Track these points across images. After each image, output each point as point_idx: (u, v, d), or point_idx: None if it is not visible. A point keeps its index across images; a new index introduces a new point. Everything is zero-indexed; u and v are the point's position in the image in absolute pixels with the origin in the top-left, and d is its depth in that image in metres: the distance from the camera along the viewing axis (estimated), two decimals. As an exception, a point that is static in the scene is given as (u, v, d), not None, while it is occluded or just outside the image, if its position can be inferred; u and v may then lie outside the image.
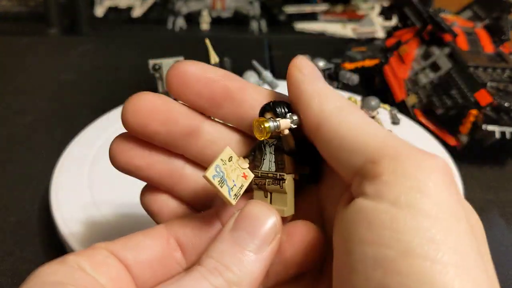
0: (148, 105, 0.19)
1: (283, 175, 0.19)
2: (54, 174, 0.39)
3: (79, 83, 0.69)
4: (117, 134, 0.21)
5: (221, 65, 0.50)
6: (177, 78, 0.19)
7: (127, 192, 0.38)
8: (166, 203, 0.22)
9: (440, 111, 0.50)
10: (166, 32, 0.96)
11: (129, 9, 1.02)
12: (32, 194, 0.42)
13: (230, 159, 0.19)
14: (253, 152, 0.20)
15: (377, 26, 0.90)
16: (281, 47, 0.86)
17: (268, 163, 0.20)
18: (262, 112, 0.19)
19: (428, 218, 0.14)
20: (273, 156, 0.20)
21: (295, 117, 0.19)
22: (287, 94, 0.20)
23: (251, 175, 0.20)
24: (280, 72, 0.71)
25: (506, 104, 0.44)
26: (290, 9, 1.02)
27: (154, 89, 0.46)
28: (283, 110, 0.19)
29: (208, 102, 0.20)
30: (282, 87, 0.50)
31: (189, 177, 0.21)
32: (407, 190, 0.14)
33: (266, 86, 0.50)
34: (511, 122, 0.45)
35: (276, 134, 0.19)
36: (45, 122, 0.56)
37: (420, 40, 0.59)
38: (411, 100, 0.54)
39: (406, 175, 0.15)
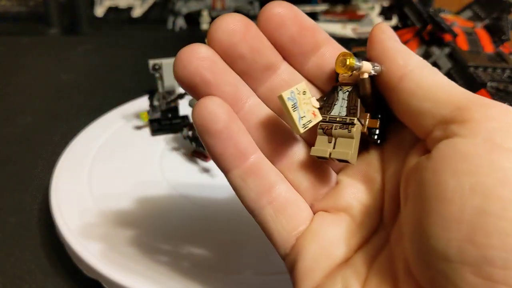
0: (242, 27, 0.19)
1: (353, 119, 0.19)
2: (54, 174, 0.39)
3: (79, 83, 0.69)
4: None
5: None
6: (275, 17, 0.19)
7: (127, 192, 0.38)
8: (228, 124, 0.19)
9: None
10: (166, 32, 0.96)
11: (129, 9, 1.02)
12: (32, 194, 0.42)
13: (304, 93, 0.19)
14: (324, 97, 0.20)
15: (377, 26, 0.90)
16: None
17: (339, 108, 0.20)
18: None
19: None
20: (346, 101, 0.20)
21: (376, 65, 0.19)
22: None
23: (319, 116, 0.20)
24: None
25: (506, 104, 0.44)
26: (290, 9, 1.01)
27: (154, 89, 0.46)
28: (367, 57, 0.19)
29: (298, 48, 0.20)
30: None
31: (254, 107, 0.20)
32: (500, 131, 0.15)
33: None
34: (511, 122, 0.45)
35: (352, 81, 0.19)
36: (45, 122, 0.56)
37: (420, 40, 0.59)
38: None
39: (496, 118, 0.15)
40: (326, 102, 0.20)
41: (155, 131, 0.47)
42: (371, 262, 0.19)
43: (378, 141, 0.20)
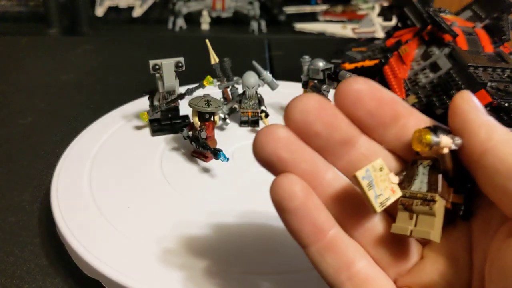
0: (317, 106, 0.19)
1: (435, 196, 0.18)
2: (54, 174, 0.39)
3: (79, 83, 0.69)
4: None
5: (221, 65, 0.50)
6: (352, 93, 0.19)
7: (127, 192, 0.38)
8: (305, 202, 0.20)
9: (440, 111, 0.50)
10: (166, 32, 0.96)
11: (129, 9, 1.02)
12: (32, 194, 0.42)
13: (381, 169, 0.19)
14: (404, 171, 0.20)
15: (377, 26, 0.90)
16: (281, 47, 0.86)
17: (419, 184, 0.19)
18: None
19: None
20: (426, 176, 0.19)
21: (457, 139, 0.18)
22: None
23: (399, 192, 0.19)
24: (280, 72, 0.71)
25: (506, 104, 0.44)
26: (290, 9, 1.02)
27: (154, 89, 0.46)
28: (444, 134, 0.18)
29: (376, 121, 0.20)
30: (282, 87, 0.50)
31: (331, 181, 0.20)
32: None
33: (266, 87, 0.49)
34: (511, 122, 0.45)
35: (433, 155, 0.19)
36: (45, 122, 0.56)
37: (420, 40, 0.59)
38: (411, 100, 0.54)
39: None
40: (406, 177, 0.20)
41: (155, 131, 0.47)
42: None
43: (464, 217, 0.19)
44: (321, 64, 0.48)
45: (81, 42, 0.87)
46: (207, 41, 0.50)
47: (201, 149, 0.41)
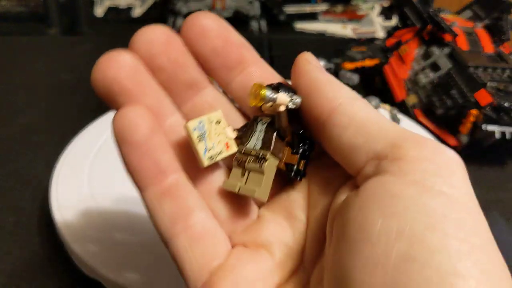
0: (164, 39, 0.18)
1: (266, 154, 0.18)
2: (54, 174, 0.39)
3: (79, 83, 0.69)
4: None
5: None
6: (197, 27, 0.18)
7: (127, 192, 0.38)
8: (150, 137, 0.18)
9: (440, 111, 0.50)
10: (166, 32, 0.96)
11: (129, 9, 1.02)
12: (32, 194, 0.42)
13: (218, 122, 0.18)
14: (244, 127, 0.19)
15: (377, 26, 0.90)
16: (281, 47, 0.86)
17: (255, 140, 0.19)
18: None
19: (452, 202, 0.14)
20: (263, 134, 0.19)
21: (296, 98, 0.18)
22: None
23: (234, 148, 0.19)
24: (280, 72, 0.71)
25: (506, 104, 0.44)
26: (290, 9, 1.02)
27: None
28: (286, 93, 0.18)
29: (221, 62, 0.19)
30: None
31: (175, 126, 0.19)
32: (431, 173, 0.14)
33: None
34: (511, 122, 0.45)
35: (273, 112, 0.18)
36: (45, 122, 0.56)
37: (420, 40, 0.59)
38: (411, 100, 0.54)
39: (429, 160, 0.15)
40: (245, 133, 0.19)
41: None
42: None
43: (297, 177, 0.18)
44: (321, 64, 0.48)
45: (81, 42, 0.87)
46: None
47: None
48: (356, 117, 0.17)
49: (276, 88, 0.18)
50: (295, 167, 0.18)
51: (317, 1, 1.02)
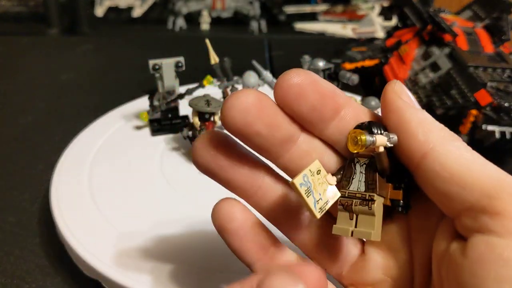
0: (257, 104, 0.18)
1: (373, 195, 0.18)
2: (54, 174, 0.39)
3: (79, 83, 0.69)
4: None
5: (221, 65, 0.50)
6: (294, 88, 0.18)
7: (127, 192, 0.38)
8: (243, 222, 0.20)
9: (440, 111, 0.50)
10: (166, 32, 0.96)
11: (129, 9, 1.02)
12: (32, 194, 0.42)
13: (319, 172, 0.18)
14: (342, 170, 0.19)
15: (377, 26, 0.90)
16: (281, 47, 0.86)
17: (358, 183, 0.19)
18: None
19: None
20: (364, 175, 0.19)
21: (392, 136, 0.18)
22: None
23: (337, 193, 0.19)
24: (280, 72, 0.71)
25: (506, 104, 0.44)
26: (290, 9, 1.01)
27: (154, 89, 0.46)
28: (379, 131, 0.18)
29: (319, 116, 0.19)
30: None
31: (268, 187, 0.21)
32: None
33: (266, 86, 0.49)
34: (511, 122, 0.45)
35: (369, 153, 0.18)
36: (45, 122, 0.56)
37: (420, 40, 0.59)
38: (411, 100, 0.54)
39: None
40: (344, 176, 0.19)
41: (155, 131, 0.47)
42: None
43: (405, 211, 0.19)
44: (321, 64, 0.48)
45: (81, 42, 0.87)
46: (207, 41, 0.50)
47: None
48: (447, 164, 0.16)
49: (368, 127, 0.18)
50: (401, 202, 0.18)
51: (317, 1, 1.02)
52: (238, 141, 0.20)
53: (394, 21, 0.74)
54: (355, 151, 0.18)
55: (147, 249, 0.31)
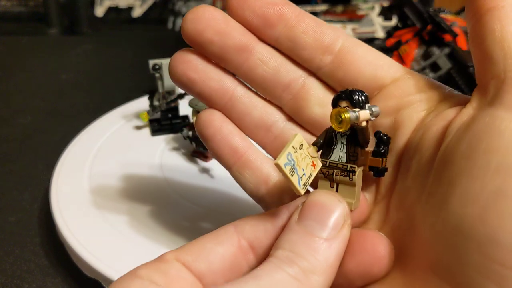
0: (207, 14, 0.20)
1: (354, 167, 0.19)
2: (54, 174, 0.39)
3: (79, 83, 0.69)
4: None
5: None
6: None
7: (127, 192, 0.38)
8: (219, 129, 0.22)
9: (440, 111, 0.50)
10: (166, 32, 0.96)
11: (129, 9, 1.02)
12: (32, 194, 0.42)
13: (301, 146, 0.18)
14: (322, 139, 0.20)
15: (377, 26, 0.90)
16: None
17: (339, 153, 0.19)
18: (337, 100, 0.19)
19: None
20: (345, 146, 0.19)
21: (375, 108, 0.18)
22: None
23: (319, 164, 0.19)
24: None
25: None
26: (290, 9, 1.01)
27: (154, 89, 0.46)
28: (360, 99, 0.18)
29: (262, 22, 0.21)
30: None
31: (240, 98, 0.22)
32: None
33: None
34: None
35: (351, 125, 0.19)
36: (45, 122, 0.56)
37: (420, 40, 0.59)
38: (411, 100, 0.54)
39: None
40: (325, 145, 0.20)
41: (155, 131, 0.47)
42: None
43: (382, 175, 0.19)
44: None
45: (81, 42, 0.87)
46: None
47: (201, 149, 0.41)
48: (507, 27, 0.16)
49: (349, 96, 0.18)
50: (380, 168, 0.19)
51: (317, 2, 1.02)
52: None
53: (394, 21, 0.74)
54: (341, 130, 0.18)
55: (147, 249, 0.31)
